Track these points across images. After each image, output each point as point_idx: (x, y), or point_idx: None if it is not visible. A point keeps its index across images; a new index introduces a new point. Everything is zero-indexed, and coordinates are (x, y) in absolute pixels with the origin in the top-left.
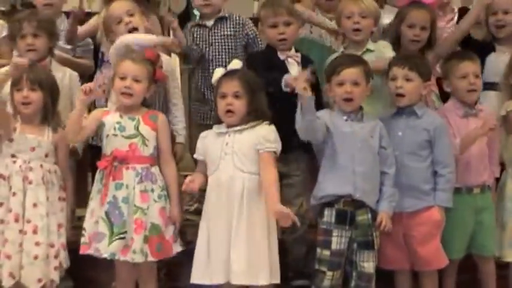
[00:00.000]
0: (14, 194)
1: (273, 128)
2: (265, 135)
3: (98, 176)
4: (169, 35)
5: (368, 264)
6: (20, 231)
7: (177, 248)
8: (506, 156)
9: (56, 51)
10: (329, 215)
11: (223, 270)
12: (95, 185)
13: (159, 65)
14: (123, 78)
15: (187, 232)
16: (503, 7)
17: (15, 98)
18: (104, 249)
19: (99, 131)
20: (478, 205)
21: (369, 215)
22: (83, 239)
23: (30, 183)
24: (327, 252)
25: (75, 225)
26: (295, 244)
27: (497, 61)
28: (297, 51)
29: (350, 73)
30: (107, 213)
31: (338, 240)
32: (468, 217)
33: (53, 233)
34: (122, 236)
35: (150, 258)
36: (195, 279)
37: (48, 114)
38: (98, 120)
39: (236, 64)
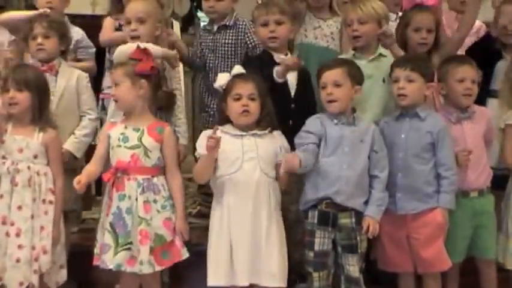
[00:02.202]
0: (1, 196)
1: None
2: (283, 145)
3: (107, 188)
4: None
5: (353, 268)
6: (6, 233)
7: (185, 254)
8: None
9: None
10: (312, 216)
11: (248, 273)
12: (104, 197)
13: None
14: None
15: (191, 235)
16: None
17: (2, 99)
18: (110, 260)
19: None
20: (476, 209)
21: (353, 219)
22: (95, 250)
23: (16, 185)
24: (311, 254)
25: (80, 228)
26: (295, 248)
27: (504, 69)
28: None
29: (330, 75)
30: (111, 224)
31: (321, 241)
32: (466, 221)
33: (36, 235)
34: (127, 246)
35: (158, 268)
36: (215, 281)
37: (37, 114)
38: (106, 136)
39: (239, 69)
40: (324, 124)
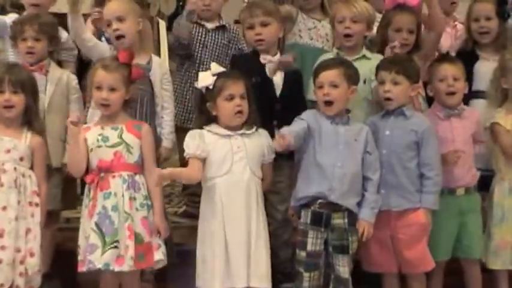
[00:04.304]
0: None
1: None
2: (269, 145)
3: (86, 191)
4: (159, 36)
5: (343, 269)
6: None
7: (159, 256)
8: (494, 164)
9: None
10: (305, 216)
11: (245, 274)
12: (84, 201)
13: (134, 63)
14: (99, 88)
15: (175, 234)
16: (485, 13)
17: None
18: (98, 260)
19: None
20: (462, 207)
21: (346, 220)
22: (79, 257)
23: (1, 185)
24: (303, 253)
25: (62, 227)
26: (282, 247)
27: (483, 69)
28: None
29: (327, 75)
30: (97, 224)
31: (313, 242)
32: (452, 219)
33: (21, 238)
34: (114, 245)
35: (133, 268)
36: (209, 284)
37: (30, 116)
38: (83, 140)
39: (218, 68)
40: (318, 120)
